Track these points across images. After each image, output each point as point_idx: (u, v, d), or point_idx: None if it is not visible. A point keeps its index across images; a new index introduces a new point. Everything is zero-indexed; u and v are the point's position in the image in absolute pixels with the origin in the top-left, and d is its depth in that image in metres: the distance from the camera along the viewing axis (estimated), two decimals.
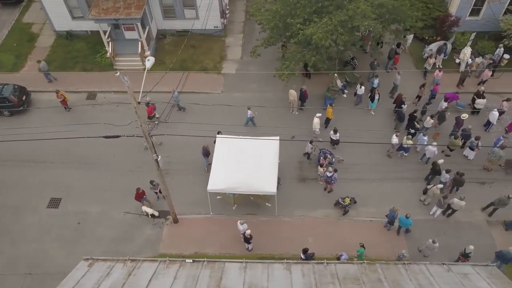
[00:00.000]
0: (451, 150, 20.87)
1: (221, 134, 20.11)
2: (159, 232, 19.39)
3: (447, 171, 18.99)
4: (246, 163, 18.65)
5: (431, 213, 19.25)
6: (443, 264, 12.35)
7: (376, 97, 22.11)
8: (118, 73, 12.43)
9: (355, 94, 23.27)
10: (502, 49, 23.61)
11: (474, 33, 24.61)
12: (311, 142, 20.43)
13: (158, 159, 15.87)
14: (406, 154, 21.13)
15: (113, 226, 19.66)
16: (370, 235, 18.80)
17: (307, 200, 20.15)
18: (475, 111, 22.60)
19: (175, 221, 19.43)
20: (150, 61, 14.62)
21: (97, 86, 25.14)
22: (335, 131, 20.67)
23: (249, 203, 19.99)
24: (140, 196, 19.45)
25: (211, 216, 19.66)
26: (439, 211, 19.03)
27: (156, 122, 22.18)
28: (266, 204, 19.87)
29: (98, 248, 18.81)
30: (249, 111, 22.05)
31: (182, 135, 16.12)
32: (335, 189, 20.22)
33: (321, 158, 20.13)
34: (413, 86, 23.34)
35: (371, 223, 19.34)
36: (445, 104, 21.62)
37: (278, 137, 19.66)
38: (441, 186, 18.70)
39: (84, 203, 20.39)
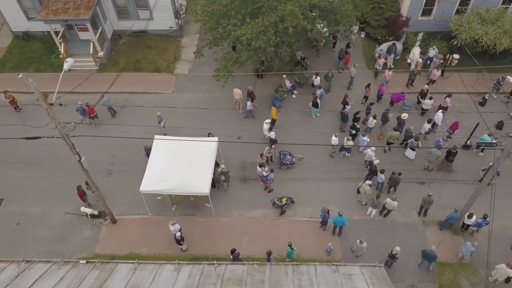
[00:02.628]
0: (387, 143, 20.78)
1: (212, 136, 20.19)
2: (97, 233, 19.43)
3: (382, 172, 19.07)
4: (180, 164, 18.70)
5: (367, 213, 19.30)
6: (332, 264, 12.44)
7: (318, 101, 22.09)
8: (20, 75, 12.49)
9: (312, 84, 23.51)
10: (436, 50, 23.58)
11: (422, 33, 24.62)
12: (270, 147, 20.46)
13: (81, 160, 15.93)
14: (348, 155, 21.18)
15: (52, 226, 19.69)
16: (305, 235, 18.89)
17: (247, 200, 20.20)
18: (421, 112, 22.62)
19: (113, 221, 19.49)
20: (68, 63, 14.81)
21: (50, 86, 24.77)
22: (270, 129, 20.70)
23: (188, 204, 20.03)
24: (82, 194, 19.49)
25: (149, 217, 19.71)
26: (374, 211, 19.08)
27: (86, 122, 22.45)
28: (206, 204, 19.89)
29: (34, 249, 18.84)
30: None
31: (99, 136, 16.14)
32: (275, 189, 20.28)
33: (258, 157, 20.19)
34: (364, 87, 23.36)
35: (307, 223, 19.39)
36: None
37: (216, 138, 19.76)
38: (369, 182, 18.76)
39: (25, 203, 20.43)
